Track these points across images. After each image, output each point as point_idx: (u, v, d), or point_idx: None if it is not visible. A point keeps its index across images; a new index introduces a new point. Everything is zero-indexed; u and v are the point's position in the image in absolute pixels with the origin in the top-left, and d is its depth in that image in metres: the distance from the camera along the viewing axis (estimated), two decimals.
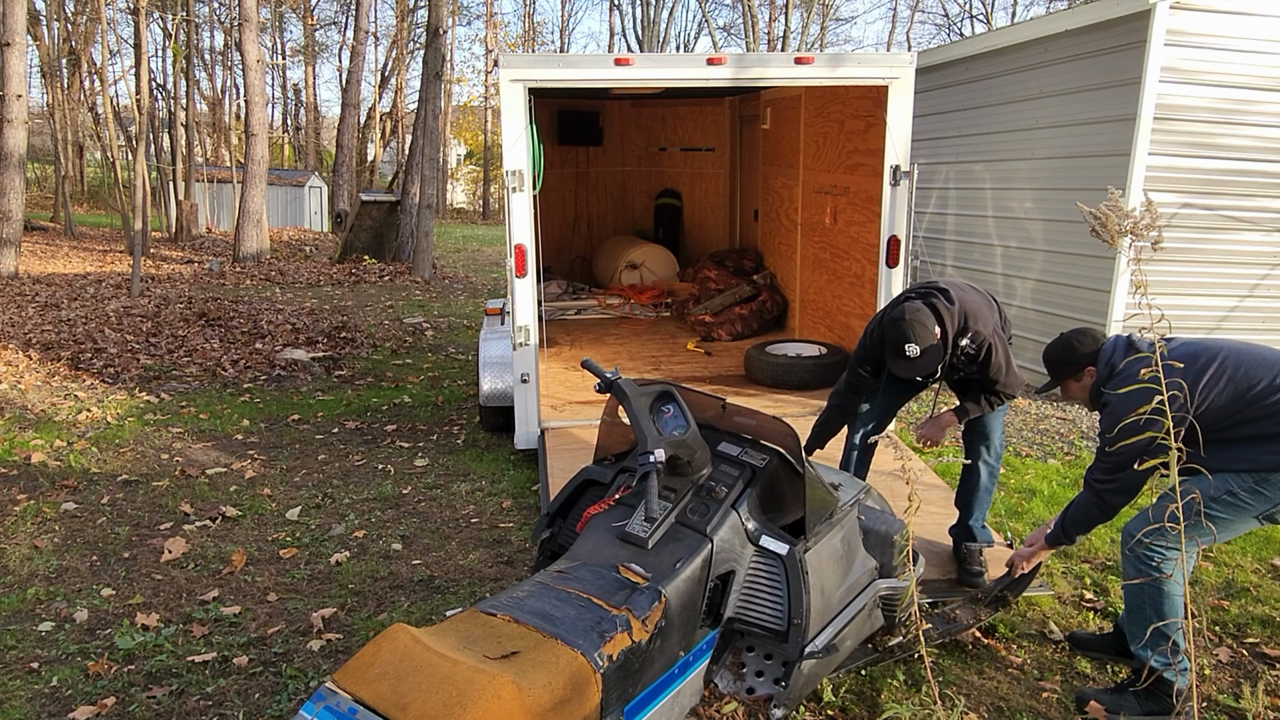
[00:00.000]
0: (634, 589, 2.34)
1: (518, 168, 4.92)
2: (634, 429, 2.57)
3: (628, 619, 2.23)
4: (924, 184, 9.27)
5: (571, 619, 2.20)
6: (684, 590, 2.39)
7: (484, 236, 26.71)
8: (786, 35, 30.21)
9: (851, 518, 2.82)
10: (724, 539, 2.52)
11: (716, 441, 2.80)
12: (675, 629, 2.35)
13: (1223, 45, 6.49)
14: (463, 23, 45.49)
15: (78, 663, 3.37)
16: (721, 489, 2.62)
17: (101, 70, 23.12)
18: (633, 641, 2.20)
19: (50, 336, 8.95)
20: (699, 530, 2.51)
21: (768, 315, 8.02)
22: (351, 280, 15.05)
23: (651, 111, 10.15)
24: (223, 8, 30.23)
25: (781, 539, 2.56)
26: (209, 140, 35.13)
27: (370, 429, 6.47)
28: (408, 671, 1.83)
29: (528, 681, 1.89)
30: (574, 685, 1.99)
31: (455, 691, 1.75)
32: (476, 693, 1.75)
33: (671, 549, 2.48)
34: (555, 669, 1.98)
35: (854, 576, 2.79)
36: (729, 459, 2.73)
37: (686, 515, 2.56)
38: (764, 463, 2.69)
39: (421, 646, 1.90)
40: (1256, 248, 6.91)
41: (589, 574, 2.41)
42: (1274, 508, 2.93)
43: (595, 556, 2.50)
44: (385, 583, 4.06)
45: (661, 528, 2.53)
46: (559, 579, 2.40)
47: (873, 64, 5.13)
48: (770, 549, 2.56)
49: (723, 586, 2.55)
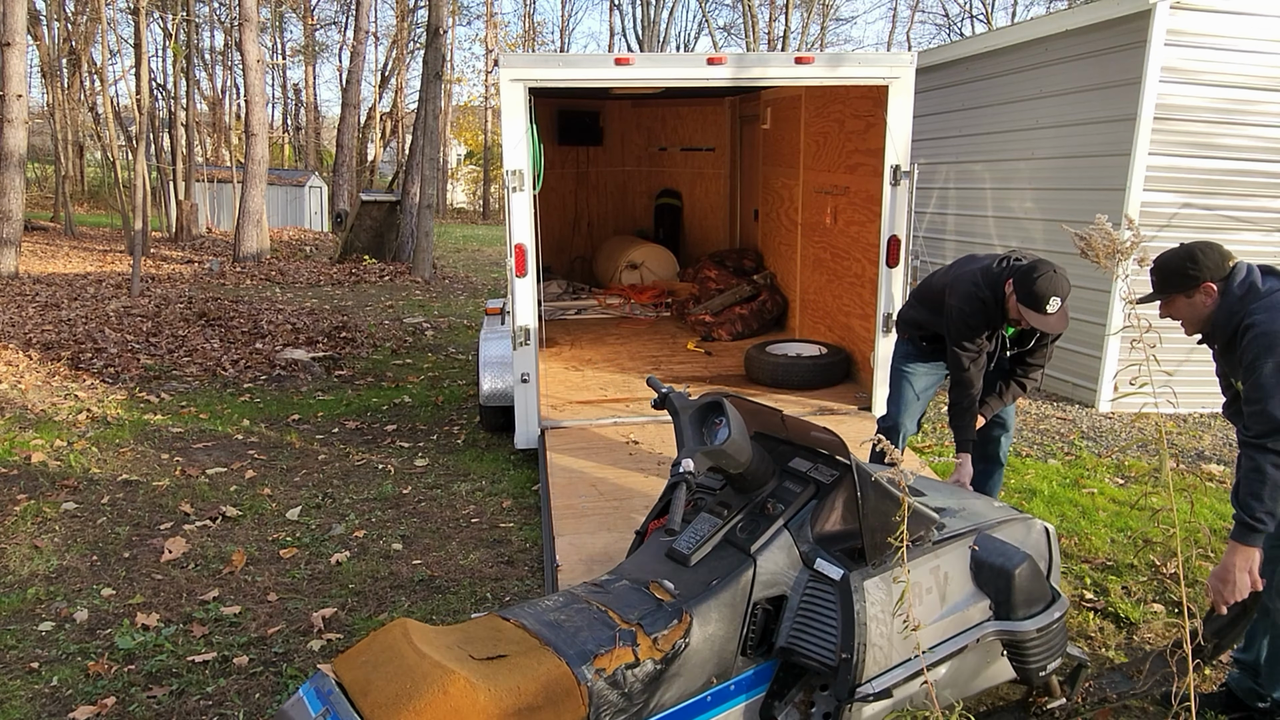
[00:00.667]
0: (657, 606, 2.22)
1: (518, 167, 4.92)
2: (677, 441, 2.49)
3: (634, 635, 2.13)
4: (924, 184, 9.27)
5: (575, 630, 2.13)
6: (715, 612, 2.24)
7: (484, 236, 26.70)
8: (787, 35, 30.22)
9: (955, 548, 2.53)
10: (771, 559, 2.34)
11: (789, 457, 2.60)
12: (702, 653, 2.21)
13: (1223, 45, 6.49)
14: (463, 23, 45.49)
15: (78, 662, 3.37)
16: (777, 506, 2.44)
17: (102, 70, 23.13)
18: (636, 659, 2.10)
19: (50, 336, 8.94)
20: (743, 549, 2.35)
21: (768, 315, 8.02)
22: (352, 280, 15.05)
23: (652, 111, 10.15)
24: (223, 8, 30.24)
25: (838, 563, 2.34)
26: (209, 140, 35.12)
27: (370, 429, 6.46)
28: (384, 661, 1.95)
29: (493, 684, 1.89)
30: (549, 694, 1.94)
31: (410, 683, 1.85)
32: (426, 686, 1.84)
33: (711, 567, 2.34)
34: (532, 675, 1.95)
35: (951, 614, 2.49)
36: (797, 475, 2.52)
37: (735, 533, 2.41)
38: (832, 479, 2.46)
39: (405, 640, 1.98)
40: (1256, 248, 6.91)
41: (621, 589, 2.32)
42: None
43: (635, 571, 2.41)
44: (386, 583, 4.06)
45: (708, 545, 2.39)
46: (590, 591, 2.34)
47: (873, 64, 5.13)
48: (824, 573, 2.34)
49: (776, 613, 2.36)
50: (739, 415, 2.46)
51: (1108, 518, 4.78)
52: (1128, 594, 3.97)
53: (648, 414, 5.63)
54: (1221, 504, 5.07)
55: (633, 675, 2.09)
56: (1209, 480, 5.51)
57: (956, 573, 2.52)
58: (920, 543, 2.47)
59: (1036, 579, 2.54)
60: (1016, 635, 2.54)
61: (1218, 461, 5.84)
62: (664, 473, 4.68)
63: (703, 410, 2.50)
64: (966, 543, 2.55)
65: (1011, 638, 2.55)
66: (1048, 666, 2.63)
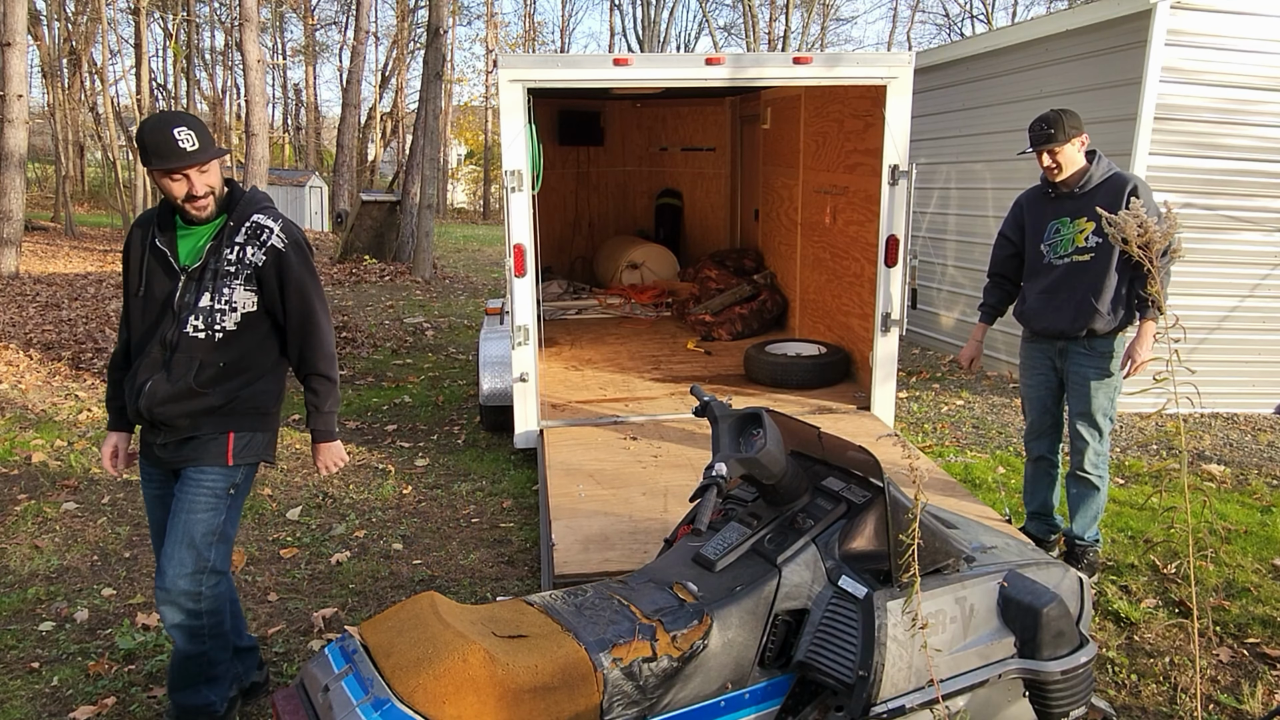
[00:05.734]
0: (679, 605, 2.26)
1: (517, 168, 4.92)
2: (713, 448, 2.52)
3: (654, 630, 2.17)
4: (925, 184, 9.27)
5: (596, 620, 2.18)
6: (736, 618, 2.27)
7: (484, 236, 26.71)
8: (787, 35, 30.22)
9: (983, 582, 2.52)
10: (795, 572, 2.36)
11: (824, 476, 2.61)
12: (720, 657, 2.24)
13: (1223, 45, 6.49)
14: (463, 23, 45.49)
15: (78, 662, 3.37)
16: (807, 522, 2.46)
17: (102, 70, 23.15)
18: (654, 654, 2.14)
19: (51, 336, 8.95)
20: (769, 559, 2.38)
21: (768, 315, 8.01)
22: (352, 280, 15.05)
23: (652, 111, 10.15)
24: (223, 8, 30.25)
25: (864, 581, 2.34)
26: None
27: (371, 429, 6.47)
28: (409, 628, 2.03)
29: (512, 659, 1.96)
30: (566, 677, 2.00)
31: (431, 649, 1.94)
32: (447, 654, 1.92)
33: (735, 574, 2.37)
34: (550, 657, 2.01)
35: (974, 646, 2.48)
36: (829, 493, 2.53)
37: (763, 544, 2.44)
38: (864, 500, 2.47)
39: (432, 610, 2.07)
40: (1257, 248, 6.91)
41: (646, 588, 2.37)
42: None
43: (661, 573, 2.45)
44: (386, 583, 4.06)
45: (735, 552, 2.42)
46: (616, 587, 2.38)
47: (871, 64, 5.13)
48: (848, 590, 2.35)
49: (796, 627, 2.38)
50: (776, 429, 2.49)
51: (1108, 518, 4.78)
52: (1128, 594, 3.97)
53: (647, 413, 5.63)
54: (1222, 504, 5.07)
55: (649, 669, 2.12)
56: (1208, 480, 5.51)
57: (983, 607, 2.51)
58: (946, 571, 2.47)
59: (1065, 621, 2.52)
60: (1040, 676, 2.51)
61: (1218, 461, 5.85)
62: (662, 464, 4.68)
63: (741, 420, 2.54)
64: (996, 578, 2.54)
65: (1035, 678, 2.52)
66: (1071, 714, 2.59)
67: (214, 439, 2.77)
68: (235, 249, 2.72)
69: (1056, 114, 3.82)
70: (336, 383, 2.95)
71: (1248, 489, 5.34)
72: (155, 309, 2.74)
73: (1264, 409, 7.11)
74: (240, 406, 2.79)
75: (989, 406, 7.19)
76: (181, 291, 2.71)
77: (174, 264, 2.72)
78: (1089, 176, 3.86)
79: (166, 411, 2.70)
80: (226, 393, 2.76)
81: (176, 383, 2.68)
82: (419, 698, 1.87)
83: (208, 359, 2.71)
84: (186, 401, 2.70)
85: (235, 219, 2.75)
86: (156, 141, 2.57)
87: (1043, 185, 4.03)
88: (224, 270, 2.71)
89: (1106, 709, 2.86)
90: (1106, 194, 3.79)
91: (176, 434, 2.75)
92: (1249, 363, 7.05)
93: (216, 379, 2.73)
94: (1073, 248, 3.89)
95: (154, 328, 2.72)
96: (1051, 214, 3.98)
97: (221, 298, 2.71)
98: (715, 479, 2.31)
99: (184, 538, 2.73)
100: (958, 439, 6.35)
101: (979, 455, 5.93)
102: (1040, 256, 4.02)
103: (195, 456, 2.76)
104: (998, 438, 6.38)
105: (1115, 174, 3.87)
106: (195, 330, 2.70)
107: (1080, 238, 3.86)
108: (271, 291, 2.77)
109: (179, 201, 2.66)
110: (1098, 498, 4.05)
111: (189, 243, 2.75)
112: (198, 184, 2.65)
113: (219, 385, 2.74)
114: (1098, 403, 3.92)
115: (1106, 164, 3.91)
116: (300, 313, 2.82)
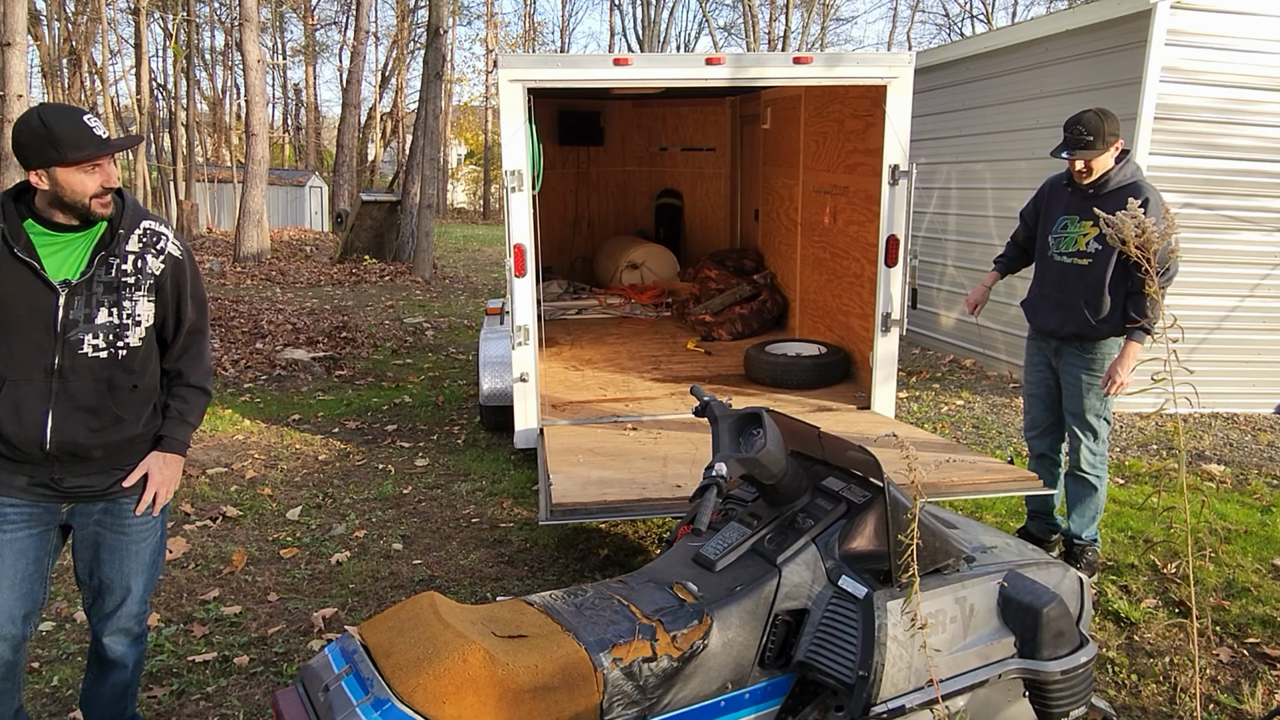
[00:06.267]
0: (679, 605, 2.26)
1: (517, 168, 4.92)
2: (714, 448, 2.53)
3: (654, 630, 2.17)
4: (925, 184, 9.27)
5: (596, 619, 2.18)
6: (736, 618, 2.28)
7: (484, 236, 26.71)
8: (787, 35, 30.23)
9: (983, 582, 2.53)
10: (795, 572, 2.37)
11: (824, 476, 2.61)
12: (720, 657, 2.25)
13: (1223, 45, 6.49)
14: (463, 23, 45.47)
15: (78, 663, 3.37)
16: (807, 522, 2.46)
17: (102, 70, 23.16)
18: (654, 654, 2.14)
19: None
20: (769, 559, 2.38)
21: (768, 315, 8.01)
22: (352, 280, 15.05)
23: (652, 111, 10.15)
24: (223, 8, 30.26)
25: (864, 581, 2.35)
26: (209, 140, 35.15)
27: (371, 429, 6.47)
28: (409, 628, 2.04)
29: (512, 659, 1.97)
30: (566, 676, 2.00)
31: (431, 649, 1.94)
32: (447, 654, 1.92)
33: (735, 574, 2.38)
34: (550, 656, 2.02)
35: (974, 646, 2.49)
36: (829, 494, 2.54)
37: (763, 544, 2.44)
38: (864, 500, 2.49)
39: (431, 610, 2.07)
40: (1257, 248, 6.91)
41: (646, 588, 2.37)
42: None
43: (661, 573, 2.45)
44: (386, 583, 4.06)
45: (735, 552, 2.43)
46: (616, 587, 2.39)
47: (871, 64, 5.13)
48: (848, 590, 2.35)
49: (796, 627, 2.39)
50: (776, 429, 2.49)
51: (1108, 518, 4.78)
52: (1128, 594, 3.97)
53: (647, 413, 5.63)
54: (1222, 504, 5.07)
55: (648, 669, 2.13)
56: (1208, 480, 5.51)
57: (983, 606, 2.51)
58: (946, 571, 2.48)
59: (1065, 620, 2.53)
60: (1040, 675, 2.51)
61: (1218, 461, 5.85)
62: (662, 442, 4.70)
63: (741, 420, 2.54)
64: (996, 578, 2.54)
65: (1035, 678, 2.53)
66: (1071, 714, 2.60)
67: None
68: (130, 258, 2.44)
69: (1098, 120, 3.72)
70: (210, 397, 2.74)
71: (1247, 489, 5.34)
72: (21, 331, 2.36)
73: (1264, 409, 7.11)
74: (154, 431, 2.58)
75: (989, 406, 7.19)
76: (64, 308, 2.37)
77: (45, 278, 2.36)
78: (1107, 178, 3.82)
79: (84, 444, 2.42)
80: (146, 421, 2.53)
81: (94, 412, 2.42)
82: (419, 697, 1.87)
83: (117, 379, 2.44)
84: (108, 432, 2.44)
85: (126, 225, 2.45)
86: (69, 131, 2.28)
87: (1065, 175, 4.01)
88: (121, 282, 2.43)
89: (1106, 709, 2.86)
90: (1117, 202, 3.77)
91: (87, 468, 2.46)
92: (1249, 363, 7.05)
93: (133, 404, 2.49)
94: (1074, 249, 3.88)
95: (30, 352, 2.36)
96: (1063, 208, 3.98)
97: (123, 311, 2.43)
98: (715, 479, 2.31)
99: (137, 566, 2.57)
100: (958, 439, 6.35)
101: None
102: (1046, 248, 4.03)
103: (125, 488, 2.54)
104: (998, 437, 6.38)
105: (1133, 183, 3.81)
106: (95, 350, 2.40)
107: (1083, 240, 3.86)
108: (166, 302, 2.53)
109: (87, 199, 2.33)
110: (1096, 497, 4.05)
111: (59, 253, 2.40)
112: (112, 175, 2.37)
113: (137, 411, 2.50)
114: (1089, 404, 3.92)
115: (1132, 169, 3.85)
116: (194, 324, 2.61)
